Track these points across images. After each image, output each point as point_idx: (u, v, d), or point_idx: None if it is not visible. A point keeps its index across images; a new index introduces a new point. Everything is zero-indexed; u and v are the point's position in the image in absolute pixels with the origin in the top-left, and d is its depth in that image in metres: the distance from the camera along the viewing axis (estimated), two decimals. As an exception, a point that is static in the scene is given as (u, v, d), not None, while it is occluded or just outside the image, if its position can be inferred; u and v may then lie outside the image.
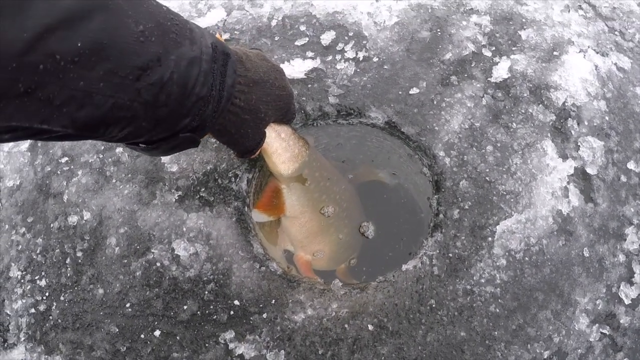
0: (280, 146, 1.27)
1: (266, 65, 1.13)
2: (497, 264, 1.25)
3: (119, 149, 1.46)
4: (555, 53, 1.57)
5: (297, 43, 1.59)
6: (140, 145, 0.95)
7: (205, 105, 0.92)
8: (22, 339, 1.35)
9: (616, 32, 1.72)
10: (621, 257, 1.33)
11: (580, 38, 1.63)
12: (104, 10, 0.70)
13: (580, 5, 1.75)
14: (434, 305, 1.21)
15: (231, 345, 1.22)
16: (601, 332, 1.26)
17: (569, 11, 1.71)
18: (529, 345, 1.21)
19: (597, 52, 1.60)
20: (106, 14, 0.70)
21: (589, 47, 1.60)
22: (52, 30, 0.63)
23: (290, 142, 1.29)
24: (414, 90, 1.48)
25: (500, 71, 1.51)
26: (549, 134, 1.42)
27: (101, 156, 1.47)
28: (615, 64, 1.60)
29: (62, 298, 1.35)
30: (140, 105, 0.80)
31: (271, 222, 1.41)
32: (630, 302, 1.30)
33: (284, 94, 1.17)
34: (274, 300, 1.24)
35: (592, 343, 1.25)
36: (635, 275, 1.32)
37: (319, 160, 1.38)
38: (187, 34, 0.87)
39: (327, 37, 1.59)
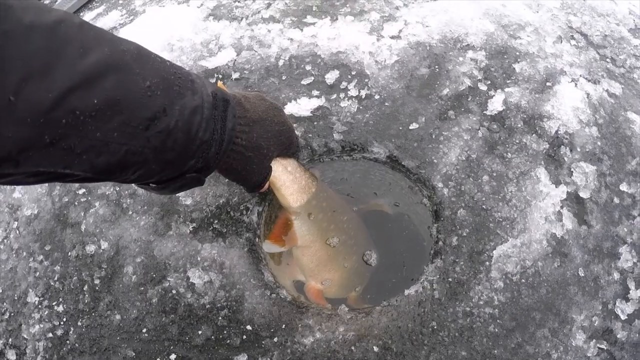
0: (287, 179, 1.42)
1: (264, 105, 1.28)
2: (495, 286, 1.39)
3: None
4: (548, 84, 1.72)
5: (303, 82, 1.76)
6: (150, 185, 1.10)
7: (208, 148, 1.06)
8: None
9: (607, 59, 1.87)
10: (616, 275, 1.45)
11: (572, 67, 1.78)
12: (116, 71, 0.86)
13: (572, 36, 1.91)
14: (435, 327, 1.35)
15: None
16: (599, 347, 1.38)
17: (561, 42, 1.87)
18: (528, 363, 1.35)
19: (589, 80, 1.75)
20: (117, 74, 0.86)
21: (580, 75, 1.76)
22: (73, 90, 0.78)
23: (297, 174, 1.44)
24: (413, 126, 1.64)
25: (495, 104, 1.66)
26: (542, 162, 1.56)
27: (117, 189, 1.62)
28: (607, 90, 1.75)
29: (79, 323, 1.47)
30: (150, 151, 0.94)
31: (279, 255, 1.56)
32: (626, 317, 1.41)
33: (284, 129, 1.32)
34: (284, 325, 1.37)
35: (590, 358, 1.37)
36: (630, 291, 1.44)
37: (326, 192, 1.54)
38: (189, 85, 1.01)
39: (331, 76, 1.76)
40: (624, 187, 1.57)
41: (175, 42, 1.88)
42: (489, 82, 1.72)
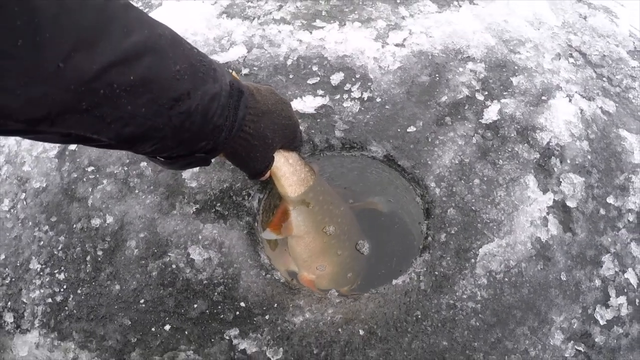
0: (288, 170, 1.51)
1: (274, 99, 1.37)
2: (479, 282, 1.48)
3: (143, 163, 1.71)
4: (543, 98, 1.82)
5: (309, 82, 1.87)
6: (160, 158, 1.19)
7: (219, 132, 1.16)
8: (37, 325, 1.54)
9: (604, 78, 1.97)
10: (597, 282, 1.53)
11: (569, 84, 1.88)
12: (153, 53, 0.95)
13: (571, 54, 2.01)
14: (419, 316, 1.43)
15: (235, 341, 1.43)
16: (576, 349, 1.45)
17: (559, 59, 1.97)
18: (506, 357, 1.41)
19: (584, 97, 1.85)
20: (154, 56, 0.95)
21: (575, 92, 1.85)
22: (114, 65, 0.86)
23: (297, 167, 1.53)
24: (411, 129, 1.74)
25: (491, 113, 1.76)
26: (532, 170, 1.65)
27: (126, 168, 1.71)
28: (601, 107, 1.85)
29: (79, 291, 1.55)
30: (169, 128, 1.03)
31: (275, 242, 1.65)
32: (605, 322, 1.49)
33: (290, 123, 1.41)
34: (276, 304, 1.46)
35: (568, 358, 1.45)
36: (611, 298, 1.51)
37: (322, 186, 1.63)
38: (211, 73, 1.10)
39: (336, 78, 1.87)
40: (610, 199, 1.65)
41: (190, 36, 1.98)
42: (486, 92, 1.82)
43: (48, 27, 0.76)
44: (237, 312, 1.46)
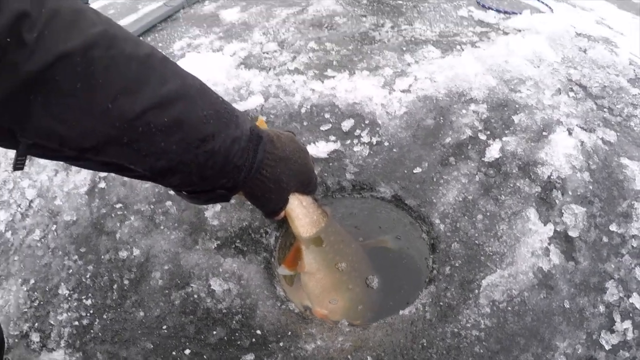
0: (301, 212, 1.62)
1: (293, 146, 1.48)
2: (482, 311, 1.54)
3: (169, 202, 1.84)
4: (544, 133, 1.91)
5: (322, 128, 2.02)
6: (184, 193, 1.33)
7: (239, 172, 1.27)
8: (62, 345, 1.60)
9: (605, 109, 2.05)
10: (602, 308, 1.56)
11: (569, 118, 1.97)
12: (184, 99, 1.09)
13: (571, 88, 2.11)
14: (425, 344, 1.50)
15: None
16: (581, 374, 1.52)
17: (559, 94, 2.07)
18: (511, 383, 1.49)
19: (584, 129, 1.94)
20: (185, 102, 1.09)
21: (576, 125, 1.94)
22: (151, 108, 1.01)
23: (310, 209, 1.64)
24: (417, 170, 1.85)
25: (493, 152, 1.86)
26: (534, 204, 1.73)
27: (152, 206, 1.85)
28: (602, 138, 1.92)
29: (104, 316, 1.63)
30: (195, 165, 1.15)
31: (292, 279, 1.76)
32: (610, 347, 1.51)
33: (305, 170, 1.53)
34: (290, 332, 1.54)
35: (573, 383, 1.51)
36: (616, 323, 1.54)
37: (334, 227, 1.73)
38: (234, 119, 1.23)
39: (347, 124, 2.02)
40: (613, 227, 1.71)
41: (211, 86, 2.12)
42: (489, 132, 1.93)
43: (101, 74, 0.93)
44: (253, 339, 1.54)
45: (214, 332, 1.57)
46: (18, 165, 0.98)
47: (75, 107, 0.93)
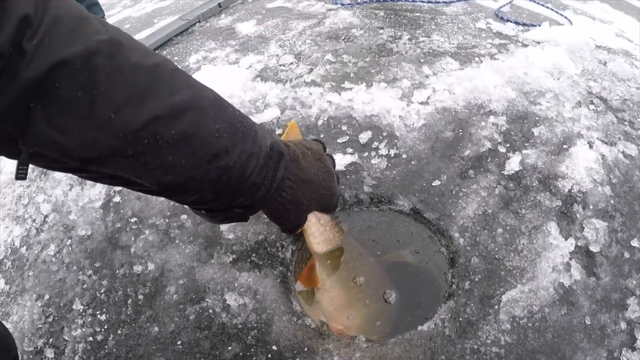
0: (317, 230, 1.62)
1: (318, 166, 1.45)
2: (502, 328, 1.53)
3: (184, 216, 1.84)
4: (564, 146, 1.90)
5: (339, 140, 2.01)
6: (202, 211, 1.30)
7: (257, 190, 1.21)
8: None
9: (625, 122, 2.03)
10: (623, 325, 1.55)
11: (590, 131, 1.96)
12: (194, 111, 1.04)
13: (591, 100, 2.09)
14: (444, 361, 1.51)
15: None
16: (603, 393, 1.50)
17: (580, 107, 2.05)
18: (531, 401, 1.47)
19: (605, 142, 1.91)
20: (195, 114, 1.04)
21: (597, 138, 1.92)
22: (158, 119, 0.97)
23: (327, 228, 1.64)
24: (436, 182, 1.84)
25: (513, 165, 1.85)
26: (554, 218, 1.71)
27: (167, 220, 1.84)
28: (623, 151, 1.90)
29: (119, 332, 1.62)
30: (207, 181, 1.10)
31: (310, 295, 1.75)
32: None
33: (328, 194, 1.50)
34: (306, 348, 1.52)
35: (594, 402, 1.49)
36: (637, 341, 1.52)
37: (350, 242, 1.74)
38: (252, 134, 1.17)
39: (364, 136, 2.00)
40: (635, 242, 1.69)
41: (226, 99, 2.15)
42: (508, 144, 1.91)
43: (103, 83, 0.91)
44: (269, 355, 1.53)
45: (229, 348, 1.56)
46: (20, 174, 0.95)
47: (77, 117, 0.91)
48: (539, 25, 2.60)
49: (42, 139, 0.91)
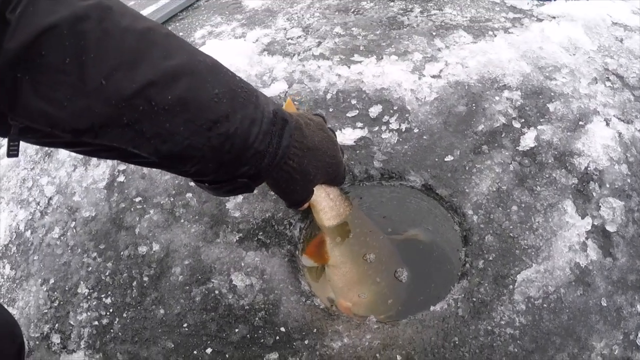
0: (327, 205, 1.55)
1: (322, 135, 1.39)
2: (517, 308, 1.46)
3: (189, 194, 1.77)
4: (580, 123, 1.81)
5: (349, 114, 1.92)
6: (205, 184, 1.23)
7: (261, 159, 1.17)
8: (82, 346, 1.57)
9: (643, 100, 1.95)
10: (639, 308, 1.49)
11: (606, 108, 1.87)
12: (190, 76, 1.00)
13: (607, 77, 1.99)
14: (457, 342, 1.43)
15: None
16: (617, 376, 1.43)
17: (596, 83, 1.95)
18: (545, 384, 1.40)
19: (622, 120, 1.82)
20: (191, 78, 1.00)
21: (613, 115, 1.83)
22: (152, 84, 0.93)
23: (336, 202, 1.57)
24: (448, 158, 1.75)
25: (528, 140, 1.76)
26: (570, 196, 1.63)
27: (172, 199, 1.77)
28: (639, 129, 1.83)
29: (124, 315, 1.59)
30: (208, 149, 1.06)
31: (317, 271, 1.67)
32: None
33: (334, 162, 1.43)
34: (315, 329, 1.47)
35: (609, 386, 1.42)
36: None
37: (361, 219, 1.65)
38: (253, 99, 1.13)
39: (374, 110, 1.91)
40: (652, 223, 1.61)
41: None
42: (523, 120, 1.82)
43: (92, 48, 0.86)
44: (277, 337, 1.48)
45: (236, 330, 1.51)
46: (11, 151, 0.91)
47: (66, 85, 0.86)
48: (555, 0, 2.49)
49: (31, 111, 0.87)
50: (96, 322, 1.61)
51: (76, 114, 0.88)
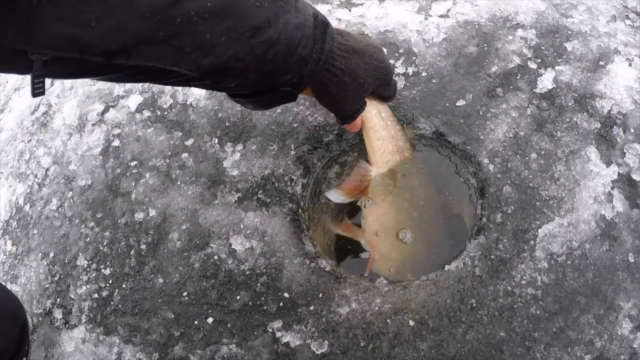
0: (379, 124, 1.33)
1: (366, 40, 1.21)
2: (539, 266, 1.24)
3: (185, 154, 1.57)
4: (601, 63, 1.54)
5: (351, 60, 1.65)
6: (242, 99, 1.11)
7: (305, 65, 1.04)
8: (84, 320, 1.46)
9: (665, 40, 1.68)
10: None
11: (627, 47, 1.60)
12: None
13: (627, 15, 1.72)
14: (474, 305, 1.22)
15: (278, 334, 1.27)
16: (646, 339, 1.22)
17: (615, 21, 1.68)
18: (569, 349, 1.19)
19: (645, 61, 1.58)
20: None
21: (635, 55, 1.57)
22: None
23: (388, 122, 1.35)
24: (460, 102, 1.50)
25: (545, 82, 1.50)
26: (593, 142, 1.39)
27: (168, 161, 1.58)
28: (664, 70, 1.57)
29: (124, 286, 1.45)
30: (252, 59, 0.94)
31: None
32: None
33: (383, 66, 1.24)
34: (321, 294, 1.29)
35: (636, 350, 1.20)
36: None
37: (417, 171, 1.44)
38: (293, 3, 1.00)
39: (379, 55, 1.64)
40: (680, 171, 1.38)
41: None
42: (539, 60, 1.56)
43: None
44: (281, 304, 1.31)
45: (238, 297, 1.35)
46: (37, 90, 0.77)
47: (92, 2, 0.72)
48: None
49: (54, 38, 0.72)
50: (96, 295, 1.47)
51: (106, 33, 0.75)
